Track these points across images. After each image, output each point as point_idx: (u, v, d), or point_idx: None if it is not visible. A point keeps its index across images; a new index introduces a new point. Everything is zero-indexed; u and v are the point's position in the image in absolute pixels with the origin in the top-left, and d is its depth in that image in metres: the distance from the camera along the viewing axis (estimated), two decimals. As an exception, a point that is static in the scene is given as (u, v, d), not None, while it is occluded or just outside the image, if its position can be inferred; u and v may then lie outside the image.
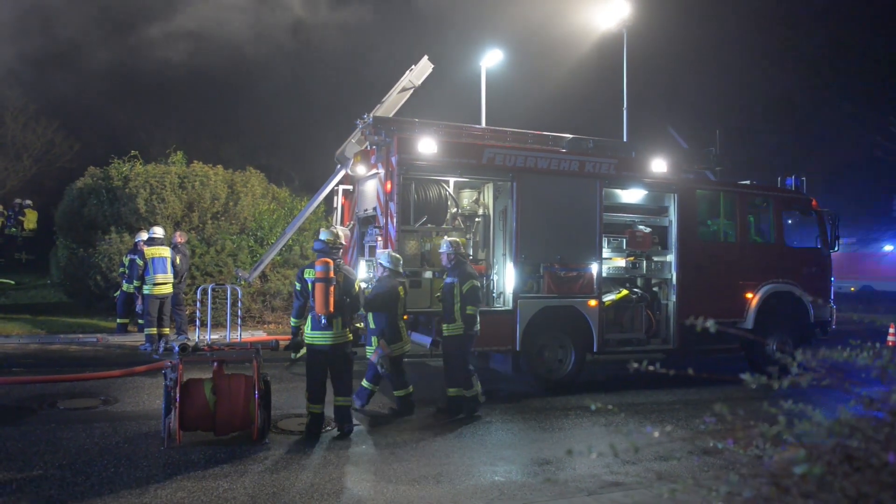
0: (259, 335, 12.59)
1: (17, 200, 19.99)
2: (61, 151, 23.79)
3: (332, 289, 6.70)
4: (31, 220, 19.74)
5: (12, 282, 16.58)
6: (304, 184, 17.64)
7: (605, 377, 10.92)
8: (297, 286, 6.98)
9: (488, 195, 9.86)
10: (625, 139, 16.84)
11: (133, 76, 20.00)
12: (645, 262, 10.29)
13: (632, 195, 10.25)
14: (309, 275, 6.89)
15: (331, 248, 7.05)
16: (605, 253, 9.81)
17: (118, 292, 12.38)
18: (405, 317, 7.90)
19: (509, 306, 9.06)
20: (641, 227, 10.14)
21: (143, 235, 11.95)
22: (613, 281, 10.14)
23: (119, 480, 5.42)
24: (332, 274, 6.75)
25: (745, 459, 1.63)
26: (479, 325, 7.89)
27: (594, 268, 9.50)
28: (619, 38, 18.42)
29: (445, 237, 8.19)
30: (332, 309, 6.71)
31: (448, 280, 7.87)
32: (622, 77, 18.41)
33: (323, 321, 6.73)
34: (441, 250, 8.05)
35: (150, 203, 13.60)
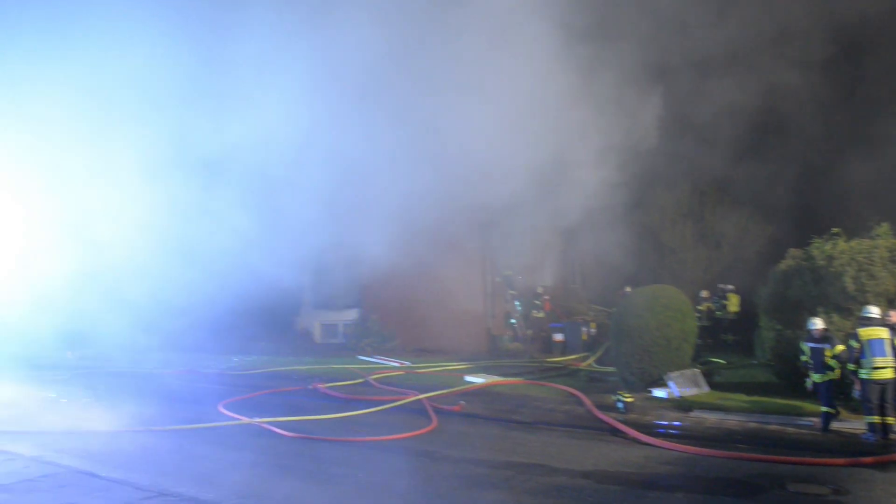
0: None
1: (721, 285, 21.88)
2: (754, 236, 24.97)
3: None
4: (733, 303, 21.27)
5: (723, 361, 17.86)
6: None
7: None
8: None
9: None
10: None
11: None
12: None
13: None
14: None
15: None
16: None
17: (809, 382, 11.73)
18: None
19: None
20: None
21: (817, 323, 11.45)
22: None
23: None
24: None
25: None
26: None
27: None
28: None
29: None
30: None
31: None
32: None
33: None
34: None
35: (857, 281, 12.87)
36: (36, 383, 16.75)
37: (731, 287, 21.39)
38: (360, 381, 16.71)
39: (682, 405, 13.12)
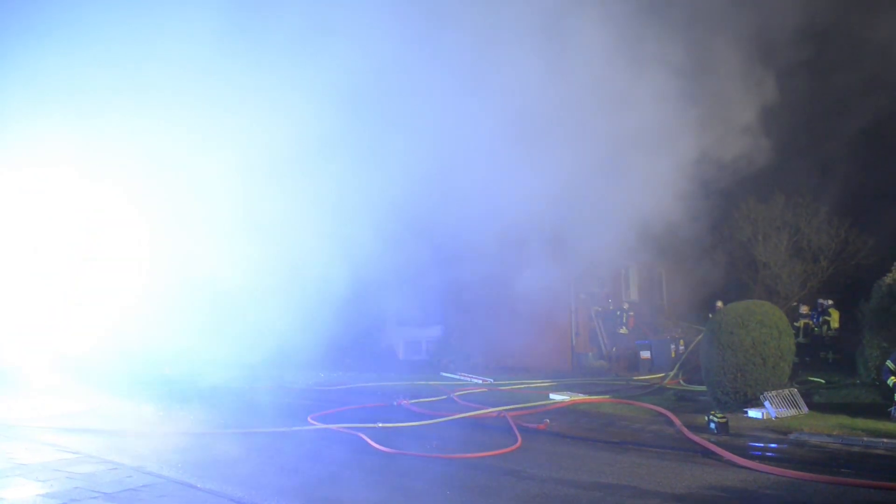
0: None
1: (820, 301, 20.75)
2: (855, 249, 23.70)
3: None
4: (834, 319, 20.12)
5: (822, 380, 16.94)
6: None
7: None
8: None
9: None
10: None
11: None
12: None
13: None
14: None
15: None
16: None
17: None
18: None
19: None
20: None
21: None
22: None
23: None
24: None
25: None
26: None
27: None
28: None
29: None
30: None
31: None
32: None
33: None
34: None
35: (972, 295, 12.06)
36: (136, 397, 17.59)
37: (830, 302, 20.28)
38: (444, 397, 16.76)
39: (779, 426, 12.51)
